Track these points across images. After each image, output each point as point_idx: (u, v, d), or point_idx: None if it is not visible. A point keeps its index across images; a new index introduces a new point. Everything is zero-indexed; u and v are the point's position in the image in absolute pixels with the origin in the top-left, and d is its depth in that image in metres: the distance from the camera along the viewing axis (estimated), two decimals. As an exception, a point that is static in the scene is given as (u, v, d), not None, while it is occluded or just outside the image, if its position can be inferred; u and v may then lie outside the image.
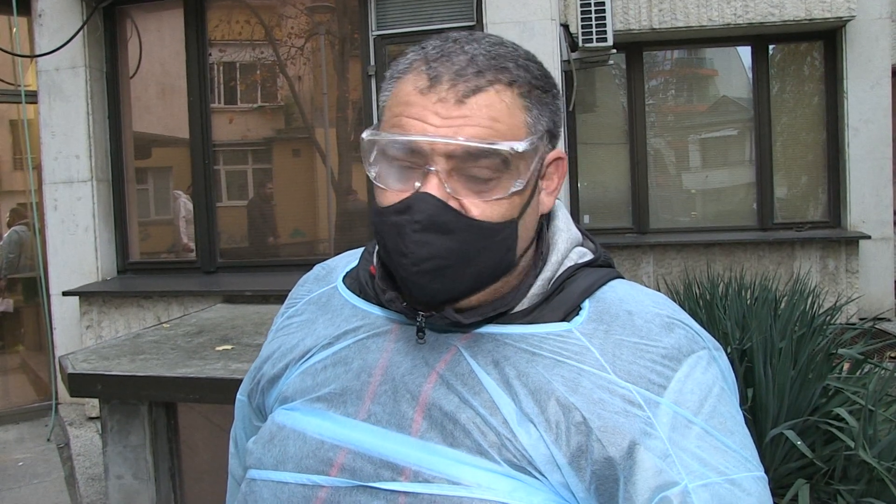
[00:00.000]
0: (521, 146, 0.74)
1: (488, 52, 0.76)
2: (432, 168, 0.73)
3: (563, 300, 0.81)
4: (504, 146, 0.73)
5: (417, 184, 0.74)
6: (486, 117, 0.73)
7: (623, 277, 0.86)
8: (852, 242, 5.91)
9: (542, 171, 0.80)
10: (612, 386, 0.73)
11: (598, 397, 0.72)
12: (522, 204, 0.77)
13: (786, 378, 2.62)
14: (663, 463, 0.69)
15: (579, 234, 0.88)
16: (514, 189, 0.75)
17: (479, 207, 0.74)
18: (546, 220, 0.86)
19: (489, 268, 0.77)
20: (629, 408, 0.72)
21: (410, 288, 0.76)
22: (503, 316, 0.80)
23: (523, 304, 0.81)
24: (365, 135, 0.78)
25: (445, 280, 0.75)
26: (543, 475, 0.72)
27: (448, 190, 0.74)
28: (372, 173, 0.78)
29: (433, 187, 0.73)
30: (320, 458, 0.78)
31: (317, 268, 1.02)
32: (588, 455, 0.71)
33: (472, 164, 0.74)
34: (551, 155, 0.81)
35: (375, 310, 0.86)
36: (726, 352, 1.12)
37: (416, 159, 0.75)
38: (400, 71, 0.79)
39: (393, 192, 0.76)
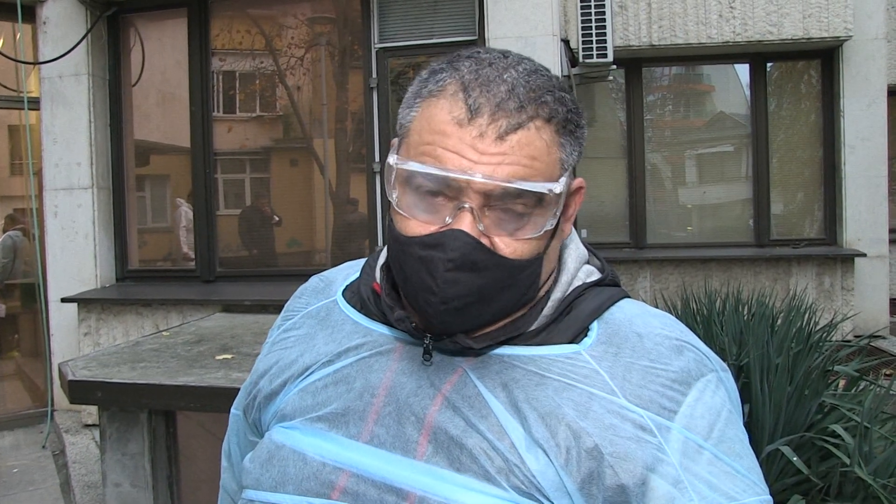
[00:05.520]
0: (558, 187, 0.73)
1: (527, 81, 0.73)
2: (466, 204, 0.71)
3: (571, 321, 0.79)
4: (542, 187, 0.72)
5: (448, 218, 0.72)
6: (526, 156, 0.71)
7: (630, 296, 0.86)
8: (848, 260, 5.94)
9: (566, 202, 0.79)
10: (622, 411, 0.72)
11: (610, 423, 0.71)
12: (548, 239, 0.77)
13: (782, 394, 2.63)
14: (675, 490, 0.69)
15: (586, 251, 0.87)
16: (547, 227, 0.74)
17: (510, 246, 0.73)
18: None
19: (511, 302, 0.76)
20: (640, 433, 0.71)
21: (433, 322, 0.74)
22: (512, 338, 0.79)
23: (532, 325, 0.79)
24: (391, 160, 0.76)
25: (468, 315, 0.74)
26: (551, 502, 0.71)
27: (480, 228, 0.72)
28: (393, 198, 0.76)
29: (466, 224, 0.71)
30: (321, 481, 0.76)
31: (314, 279, 0.98)
32: (600, 482, 0.70)
33: (507, 203, 0.72)
34: (574, 184, 0.80)
35: (378, 327, 0.84)
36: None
37: (448, 193, 0.72)
38: (431, 91, 0.75)
39: (417, 222, 0.74)
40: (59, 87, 4.95)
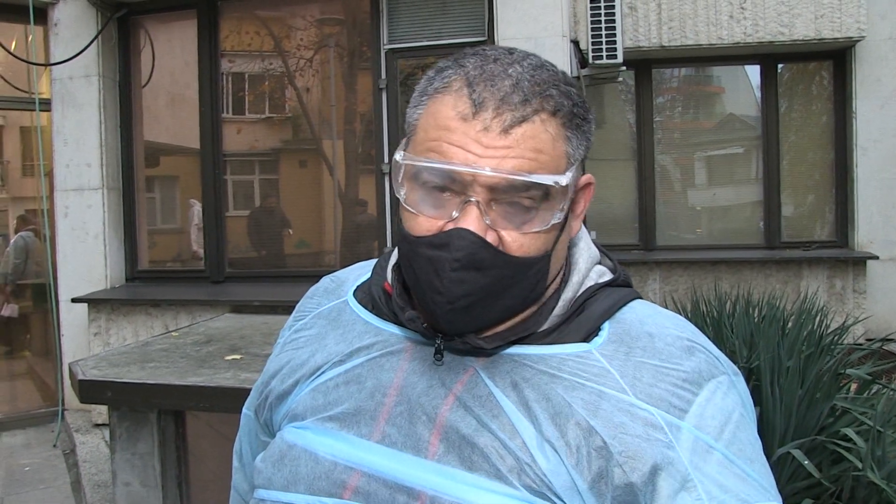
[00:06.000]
0: (564, 180, 0.72)
1: (532, 76, 0.73)
2: (472, 198, 0.71)
3: (583, 321, 0.79)
4: (548, 180, 0.71)
5: (455, 213, 0.72)
6: (531, 149, 0.71)
7: (642, 297, 0.85)
8: (860, 262, 5.89)
9: (574, 198, 0.78)
10: (632, 409, 0.72)
11: (619, 421, 0.71)
12: (556, 235, 0.76)
13: (793, 397, 2.61)
14: (684, 488, 0.69)
15: (598, 251, 0.87)
16: (554, 221, 0.73)
17: (517, 241, 0.73)
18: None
19: (518, 300, 0.76)
20: (650, 431, 0.70)
21: (440, 322, 0.74)
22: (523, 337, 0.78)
23: (544, 325, 0.79)
24: (398, 157, 0.76)
25: (475, 314, 0.74)
26: (563, 501, 0.70)
27: (487, 222, 0.72)
28: (401, 195, 0.76)
29: (472, 220, 0.71)
30: (333, 480, 0.76)
31: (325, 280, 0.98)
32: (609, 480, 0.70)
33: (514, 196, 0.72)
34: (582, 180, 0.80)
35: (389, 327, 0.84)
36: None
37: (455, 187, 0.72)
38: (437, 89, 0.75)
39: (425, 218, 0.74)
40: (69, 89, 4.98)
